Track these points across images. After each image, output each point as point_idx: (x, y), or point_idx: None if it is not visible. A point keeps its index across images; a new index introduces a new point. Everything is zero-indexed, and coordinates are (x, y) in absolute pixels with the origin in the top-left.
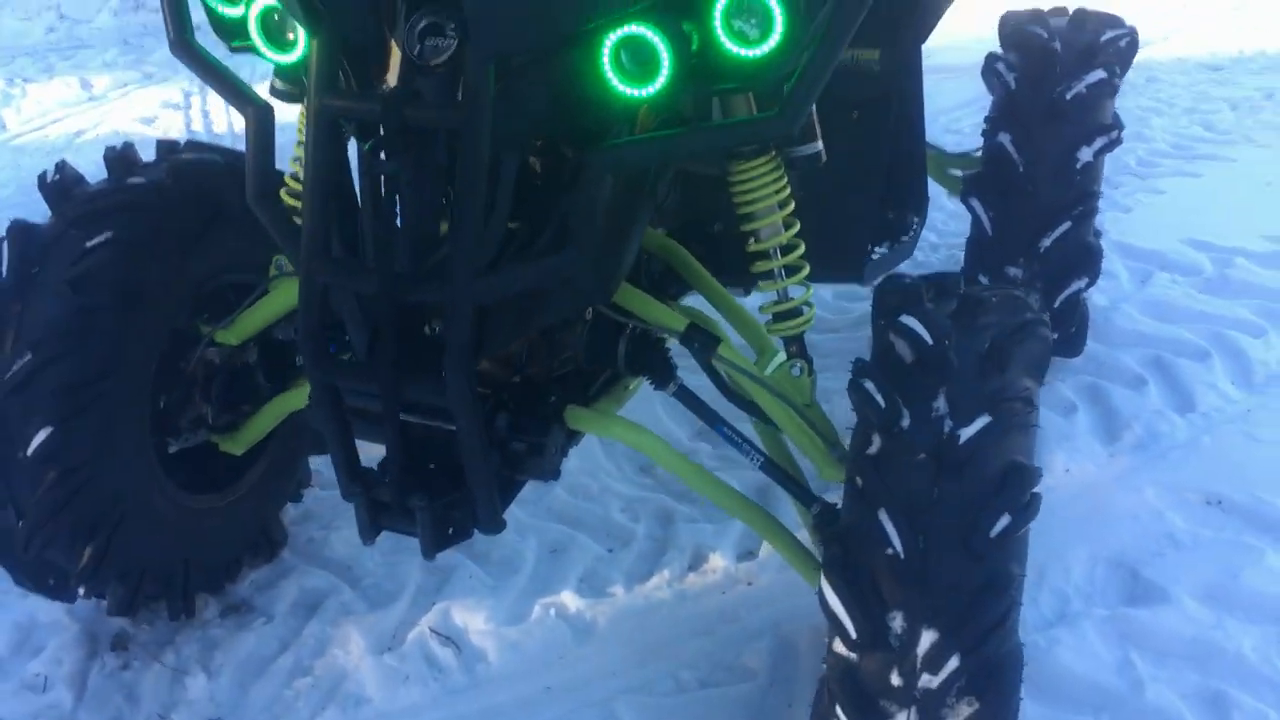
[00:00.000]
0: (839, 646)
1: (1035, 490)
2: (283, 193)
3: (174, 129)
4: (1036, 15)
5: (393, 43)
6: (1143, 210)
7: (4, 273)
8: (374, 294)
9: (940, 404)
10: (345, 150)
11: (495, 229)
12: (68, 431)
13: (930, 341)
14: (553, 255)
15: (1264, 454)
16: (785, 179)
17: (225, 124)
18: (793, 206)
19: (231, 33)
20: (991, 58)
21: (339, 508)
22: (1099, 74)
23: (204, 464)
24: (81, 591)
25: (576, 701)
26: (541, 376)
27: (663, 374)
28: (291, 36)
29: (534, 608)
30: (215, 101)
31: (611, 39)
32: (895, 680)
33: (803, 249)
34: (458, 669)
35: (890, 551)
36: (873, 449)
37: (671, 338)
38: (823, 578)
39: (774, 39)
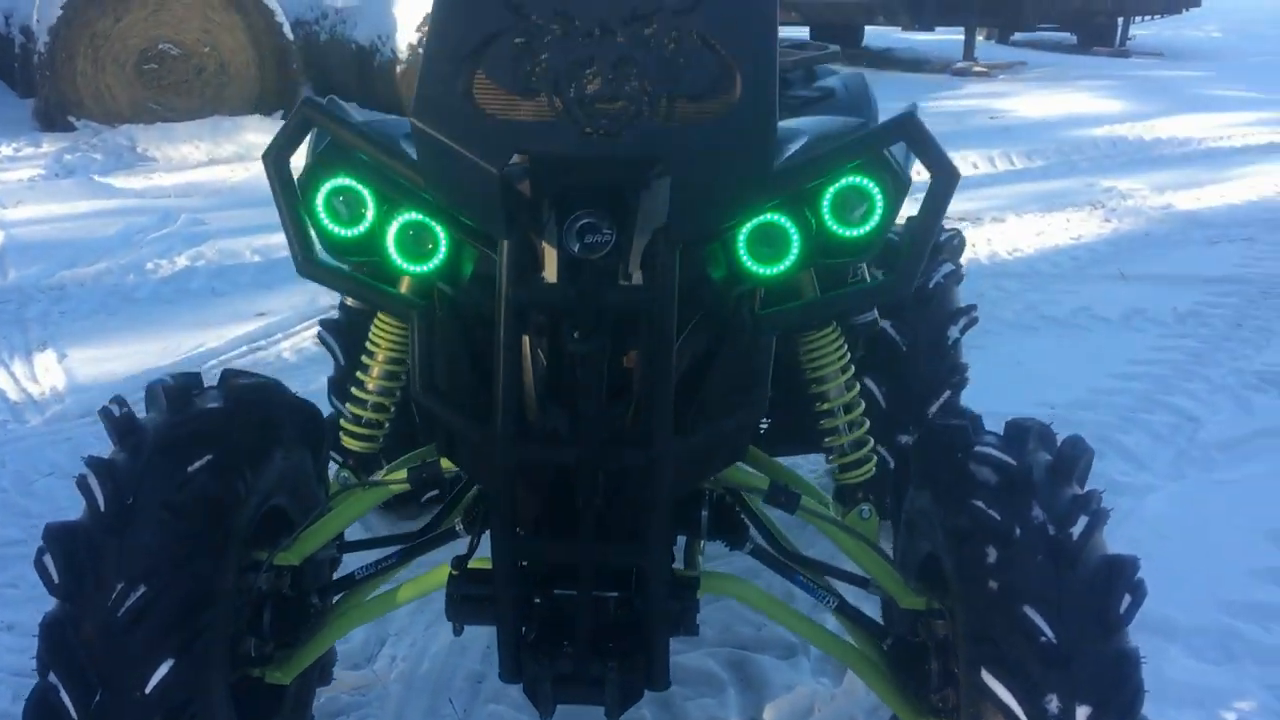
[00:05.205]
0: None
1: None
2: (353, 389)
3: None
4: None
5: (543, 242)
6: None
7: (101, 505)
8: (576, 463)
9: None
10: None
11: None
12: (183, 666)
13: (1014, 461)
14: (737, 412)
15: None
16: (846, 345)
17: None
18: (853, 371)
19: (346, 251)
20: None
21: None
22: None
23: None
24: None
25: None
26: None
27: (740, 535)
28: (430, 246)
29: None
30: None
31: (747, 228)
32: None
33: (863, 406)
34: None
35: (1042, 639)
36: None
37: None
38: (980, 674)
39: (874, 220)
